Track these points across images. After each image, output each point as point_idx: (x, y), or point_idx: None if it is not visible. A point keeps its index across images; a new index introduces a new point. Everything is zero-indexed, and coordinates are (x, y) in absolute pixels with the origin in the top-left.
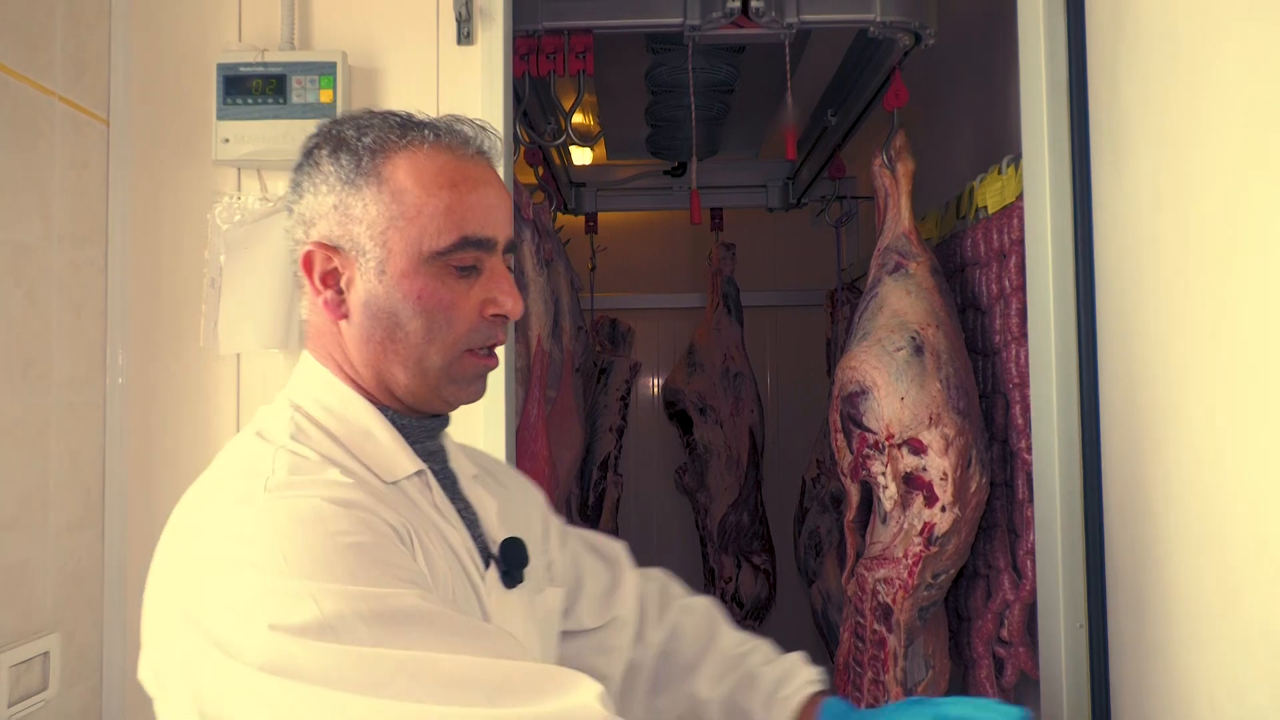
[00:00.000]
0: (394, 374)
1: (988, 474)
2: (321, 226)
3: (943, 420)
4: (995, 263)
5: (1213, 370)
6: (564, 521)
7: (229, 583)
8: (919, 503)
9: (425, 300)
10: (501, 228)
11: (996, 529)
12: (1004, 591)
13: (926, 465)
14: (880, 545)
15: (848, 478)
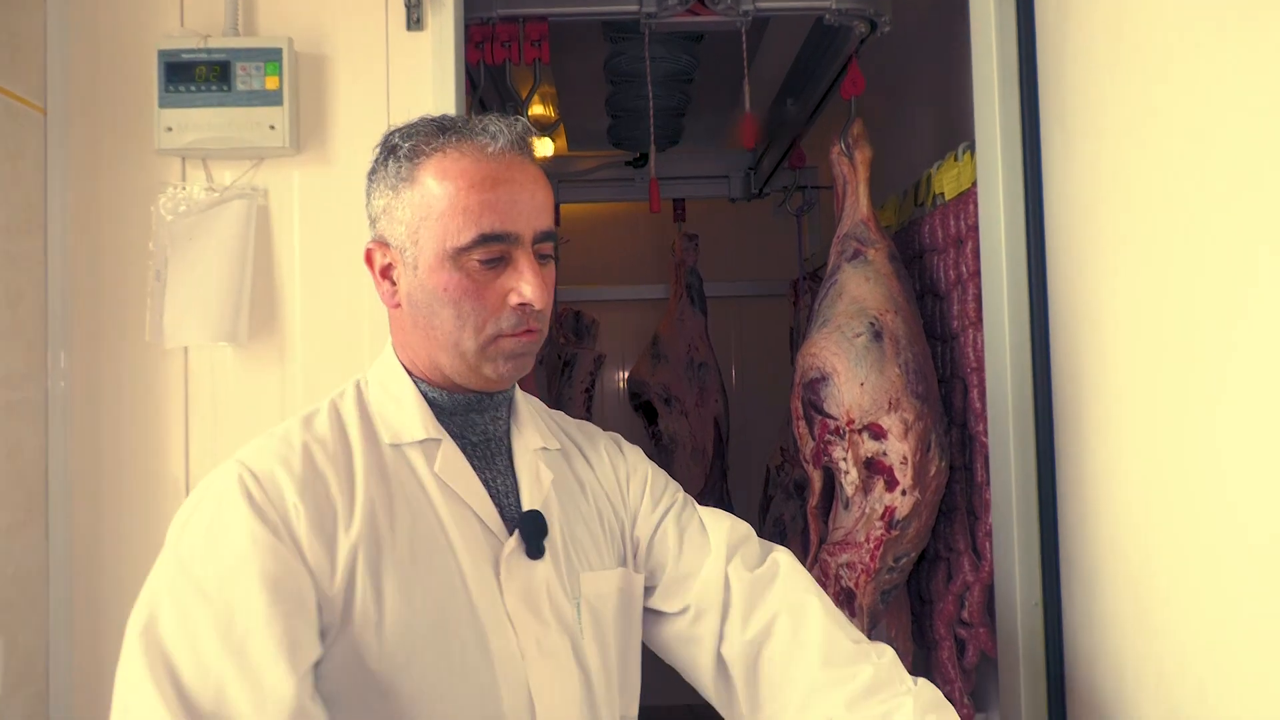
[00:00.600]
0: (437, 356)
1: (947, 458)
2: (380, 225)
3: (902, 405)
4: (952, 249)
5: (1157, 351)
6: (687, 500)
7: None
8: (880, 487)
9: (452, 292)
10: (526, 221)
11: (956, 512)
12: (964, 573)
13: (887, 450)
14: (842, 530)
15: (810, 464)
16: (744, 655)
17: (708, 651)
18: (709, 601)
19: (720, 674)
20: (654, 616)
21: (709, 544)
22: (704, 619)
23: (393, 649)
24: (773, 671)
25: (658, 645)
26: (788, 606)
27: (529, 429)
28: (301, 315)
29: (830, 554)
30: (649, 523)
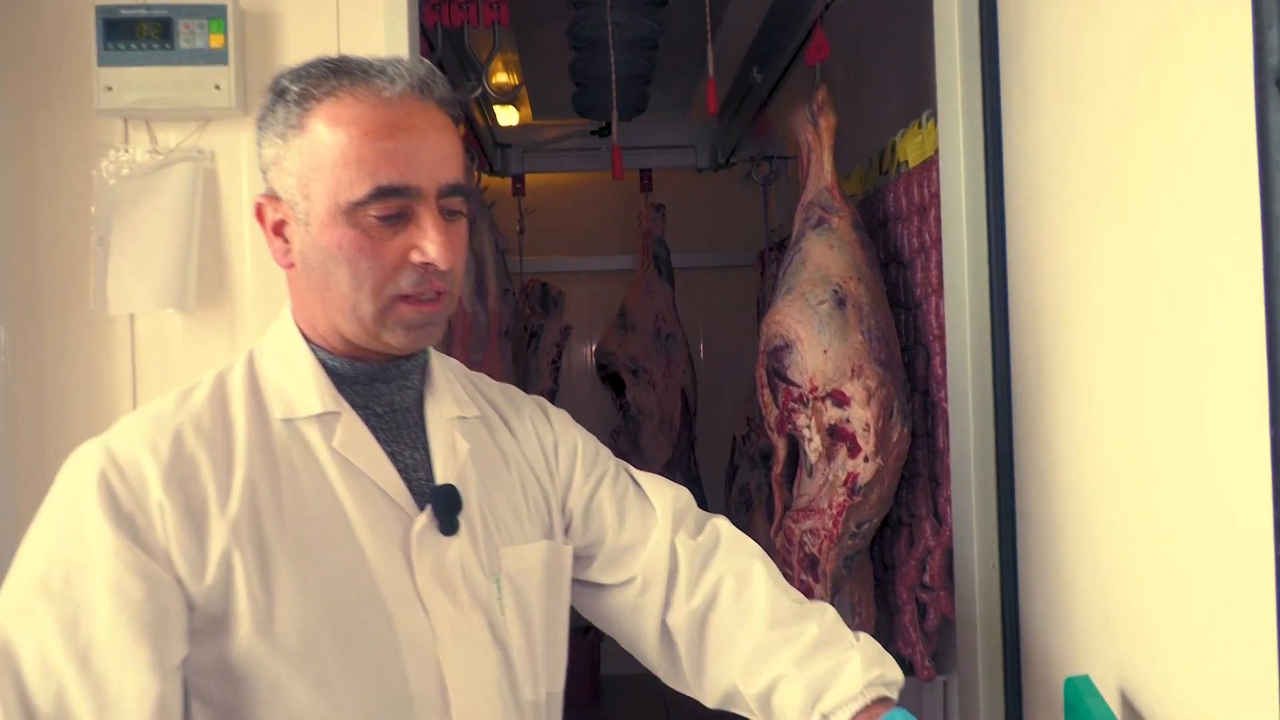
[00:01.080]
0: (336, 320)
1: (909, 424)
2: (270, 178)
3: (865, 372)
4: (916, 216)
5: (1116, 317)
6: (620, 467)
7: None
8: (843, 454)
9: (346, 250)
10: (428, 173)
11: (918, 478)
12: (926, 538)
13: (850, 417)
14: (806, 498)
15: (774, 432)
16: (690, 622)
17: (653, 621)
18: (656, 572)
19: (665, 642)
20: (593, 588)
21: (654, 513)
22: (651, 589)
23: (288, 638)
24: (719, 636)
25: (597, 616)
26: (732, 571)
27: (444, 396)
28: (252, 281)
29: (794, 520)
30: (582, 493)
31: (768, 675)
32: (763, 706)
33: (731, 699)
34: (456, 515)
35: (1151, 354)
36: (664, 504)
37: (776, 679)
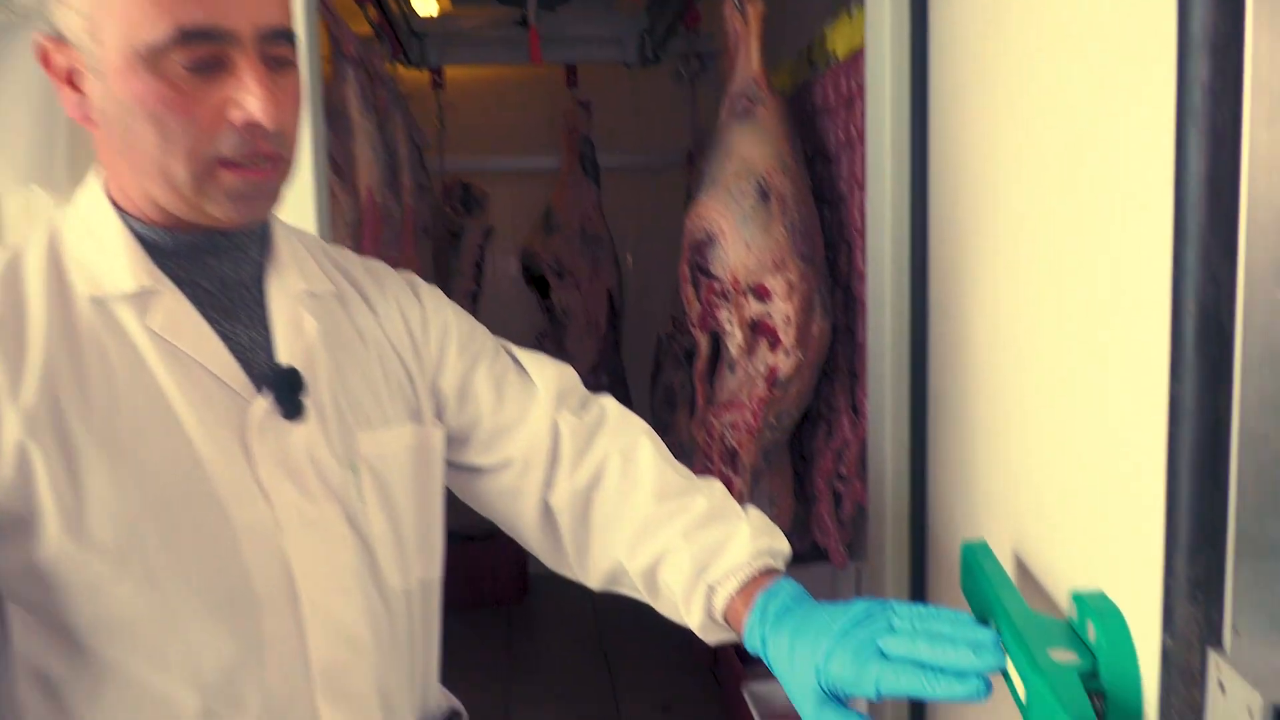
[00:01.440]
0: (146, 185)
1: (830, 319)
2: (53, 13)
3: (787, 266)
4: (842, 110)
5: (1029, 213)
6: (500, 346)
7: None
8: (764, 348)
9: (150, 104)
10: (244, 14)
11: (838, 372)
12: (843, 431)
13: (771, 311)
14: (728, 392)
15: (697, 328)
16: (572, 501)
17: (533, 502)
18: (537, 452)
19: (546, 523)
20: (470, 472)
21: (535, 392)
22: (532, 470)
23: (103, 537)
24: (603, 513)
25: (476, 499)
26: (618, 449)
27: (289, 270)
28: None
29: (715, 415)
30: (455, 372)
31: (654, 549)
32: (648, 583)
33: (616, 578)
34: (300, 397)
35: (1064, 251)
36: (546, 382)
37: (663, 552)
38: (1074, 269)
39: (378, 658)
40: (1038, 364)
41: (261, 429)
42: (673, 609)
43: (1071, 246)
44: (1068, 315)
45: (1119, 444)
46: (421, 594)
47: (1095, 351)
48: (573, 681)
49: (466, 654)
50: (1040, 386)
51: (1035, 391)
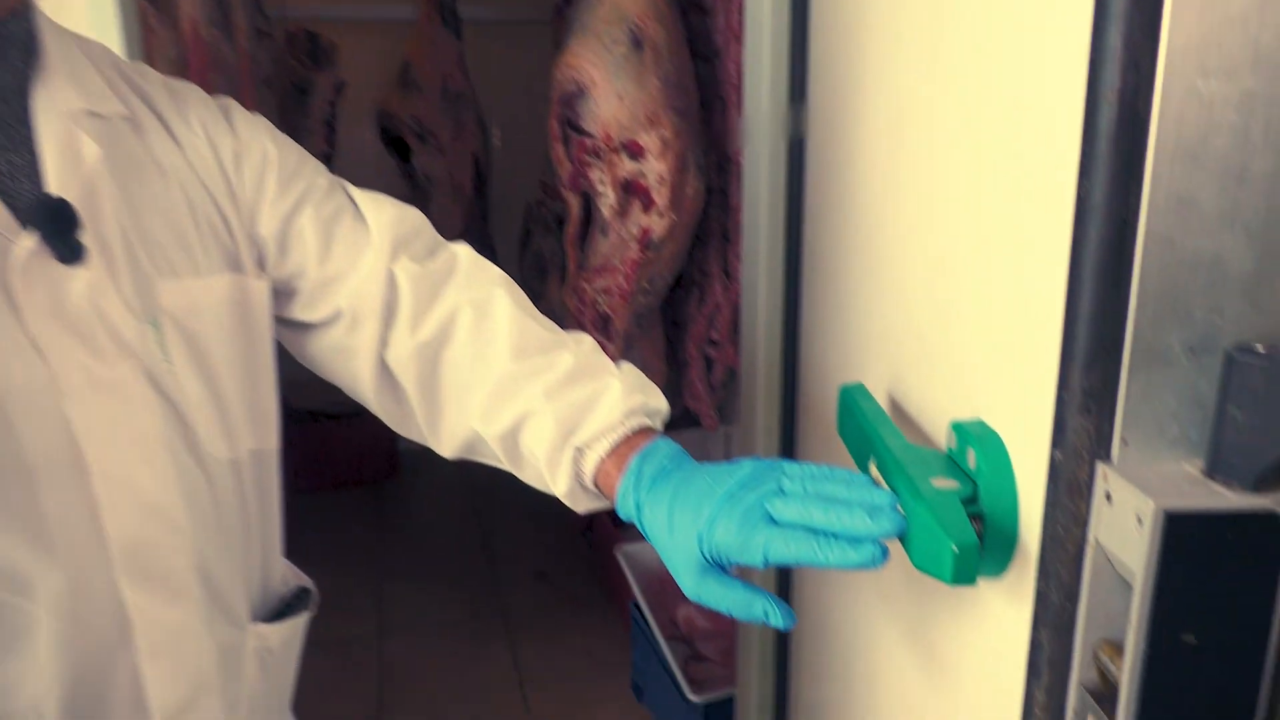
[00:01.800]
0: None
1: (704, 180)
2: None
3: (661, 121)
4: None
5: (908, 61)
6: (334, 185)
7: None
8: (637, 210)
9: None
10: None
11: (711, 236)
12: (715, 295)
13: (645, 170)
14: (600, 257)
15: (568, 190)
16: (418, 361)
17: (368, 362)
18: (367, 304)
19: (386, 385)
20: (298, 328)
21: (368, 236)
22: (363, 325)
23: None
24: (455, 374)
25: (308, 360)
26: (469, 301)
27: (62, 83)
28: None
29: (587, 280)
30: (277, 213)
31: (513, 412)
32: (509, 449)
33: (473, 446)
34: (77, 237)
35: (943, 100)
36: (382, 225)
37: (524, 414)
38: (972, 73)
39: (197, 534)
40: (921, 195)
41: (27, 273)
42: (537, 476)
43: (972, 48)
44: (949, 160)
45: (1010, 263)
46: (254, 466)
47: (988, 170)
48: (447, 555)
49: (334, 533)
50: (924, 218)
51: (918, 227)
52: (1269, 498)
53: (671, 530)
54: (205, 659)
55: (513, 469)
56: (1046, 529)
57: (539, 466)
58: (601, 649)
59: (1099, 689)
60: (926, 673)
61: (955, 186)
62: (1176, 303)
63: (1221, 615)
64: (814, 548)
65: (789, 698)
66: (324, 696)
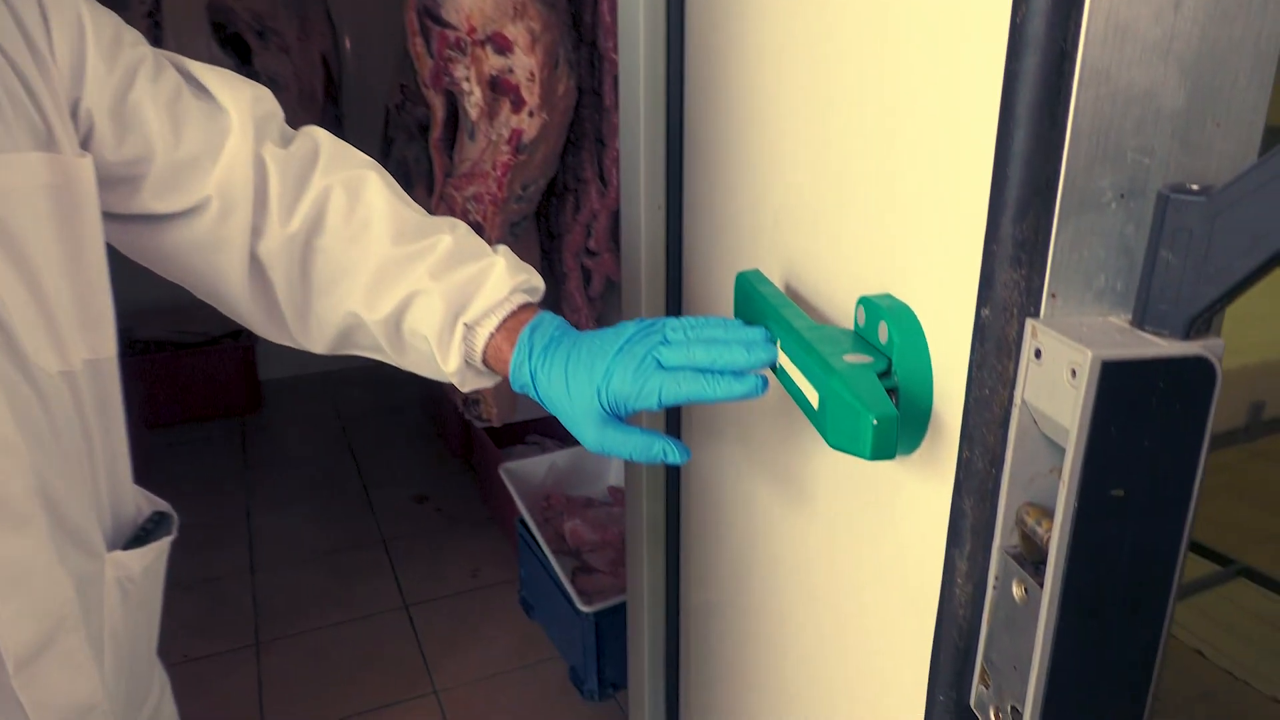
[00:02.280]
0: None
1: (575, 77)
2: None
3: (528, 12)
4: None
5: None
6: (166, 58)
7: None
8: (506, 110)
9: None
10: None
11: (585, 139)
12: (591, 202)
13: (513, 65)
14: (468, 162)
15: (430, 89)
16: (289, 251)
17: (239, 256)
18: (238, 192)
19: (257, 281)
20: (149, 222)
21: (227, 117)
22: (235, 214)
23: None
24: (330, 263)
25: (160, 259)
26: (340, 184)
27: None
28: None
29: (456, 188)
30: (103, 89)
31: (397, 295)
32: (391, 334)
33: (349, 336)
34: None
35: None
36: (240, 104)
37: (409, 296)
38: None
39: (34, 457)
40: (820, 58)
41: None
42: (422, 360)
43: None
44: (838, 47)
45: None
46: (91, 378)
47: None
48: (319, 485)
49: (197, 469)
50: (824, 86)
51: (817, 96)
52: (1199, 344)
53: (569, 390)
54: (60, 593)
55: (393, 356)
56: (972, 392)
57: (426, 349)
58: (488, 569)
59: (1021, 553)
60: (833, 558)
61: (861, 35)
62: (1109, 142)
63: (1151, 467)
64: (702, 384)
65: (680, 600)
66: (197, 636)
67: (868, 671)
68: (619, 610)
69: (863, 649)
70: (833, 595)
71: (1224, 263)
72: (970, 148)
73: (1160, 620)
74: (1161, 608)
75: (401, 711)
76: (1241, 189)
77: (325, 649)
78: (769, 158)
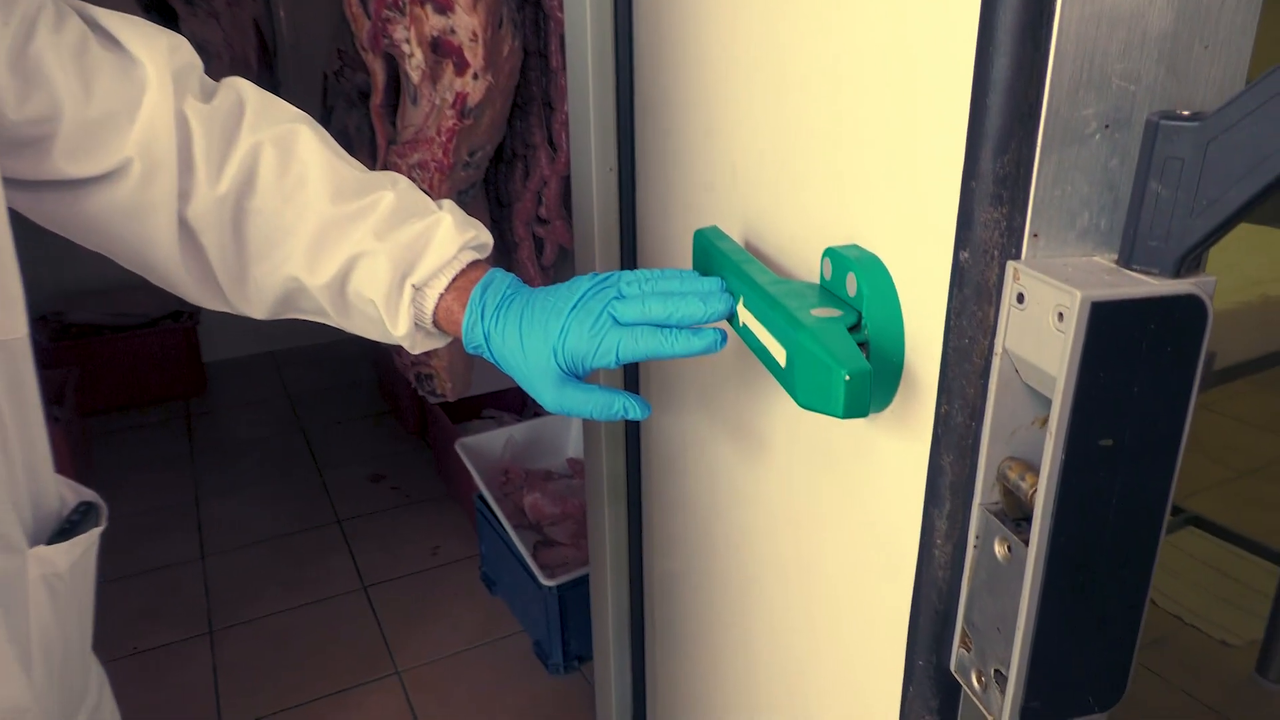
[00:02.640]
0: None
1: (520, 37)
2: None
3: None
4: None
5: None
6: (61, 8)
7: None
8: (449, 72)
9: None
10: None
11: (532, 103)
12: (541, 168)
13: (454, 25)
14: (412, 129)
15: (368, 52)
16: (219, 215)
17: (166, 220)
18: (161, 151)
19: (188, 247)
20: (61, 188)
21: (142, 70)
22: (158, 177)
23: None
24: (264, 224)
25: (76, 228)
26: (270, 140)
27: None
28: None
29: (400, 155)
30: (1, 41)
31: (340, 257)
32: (335, 297)
33: (290, 300)
34: None
35: None
36: (156, 55)
37: (353, 258)
38: None
39: None
40: (765, 42)
41: None
42: (369, 323)
43: None
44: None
45: (894, 55)
46: (2, 360)
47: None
48: (271, 465)
49: (141, 456)
50: (781, 31)
51: (776, 44)
52: (1190, 282)
53: (524, 350)
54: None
55: (338, 319)
56: (950, 342)
57: (372, 311)
58: (448, 546)
59: (1003, 510)
60: (801, 522)
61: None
62: (1093, 67)
63: (1140, 414)
64: (660, 340)
65: (644, 570)
66: (148, 627)
67: (841, 638)
68: (582, 583)
69: (835, 615)
70: (802, 560)
71: (1218, 192)
72: (941, 78)
73: (1148, 572)
74: (1149, 560)
75: (363, 694)
76: (1238, 111)
77: (282, 634)
78: (724, 108)
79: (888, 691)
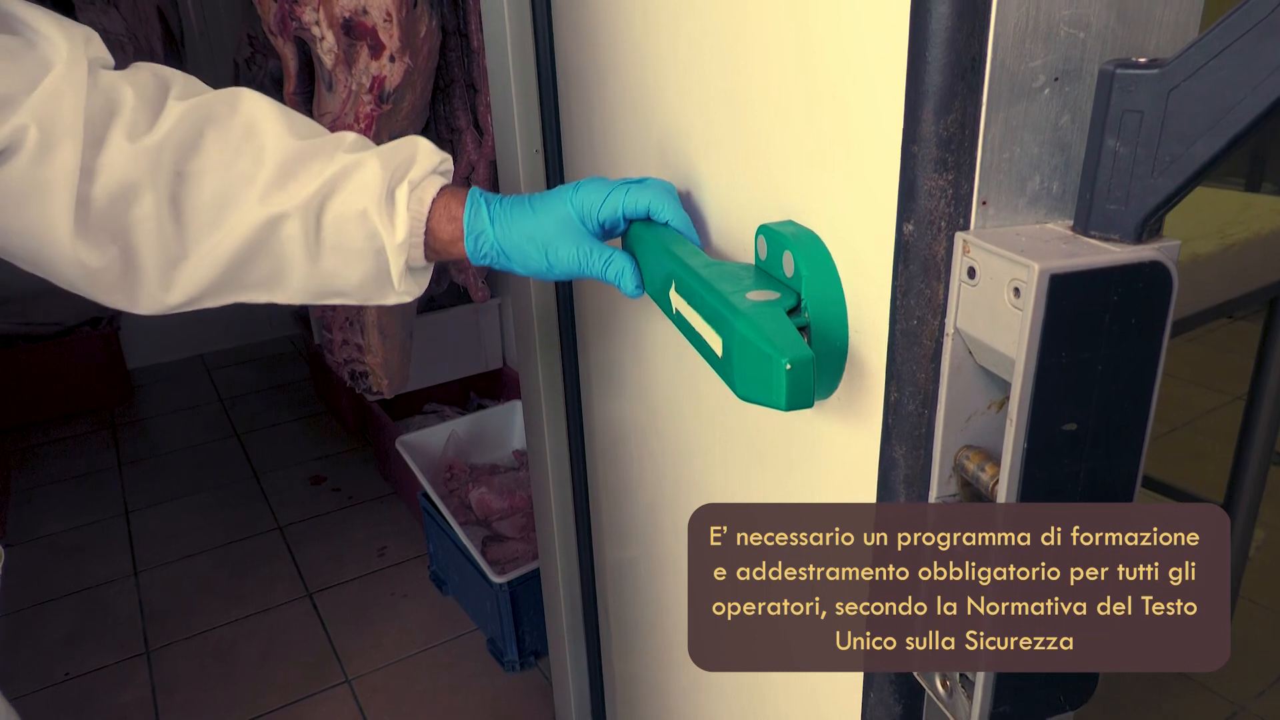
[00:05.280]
0: None
1: (438, 17)
2: None
3: None
4: None
5: None
6: None
7: None
8: (364, 55)
9: None
10: None
11: (454, 85)
12: (468, 153)
13: (367, 6)
14: (329, 116)
15: (278, 37)
16: (151, 184)
17: (64, 201)
18: (66, 121)
19: (91, 233)
20: None
21: (50, 45)
22: (59, 150)
23: None
24: (214, 183)
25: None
26: (207, 102)
27: None
28: None
29: None
30: None
31: (316, 179)
32: (308, 227)
33: (235, 274)
34: None
35: None
36: (73, 38)
37: (336, 174)
38: None
39: None
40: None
41: None
42: (348, 257)
43: None
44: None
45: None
46: None
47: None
48: (204, 472)
49: (66, 468)
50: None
51: (690, 5)
52: (1152, 247)
53: (535, 213)
54: None
55: (305, 258)
56: (897, 325)
57: (355, 234)
58: (394, 547)
59: (961, 503)
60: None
61: None
62: (1039, 14)
63: (1104, 393)
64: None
65: (595, 560)
66: (79, 651)
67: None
68: (533, 578)
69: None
70: None
71: (1181, 148)
72: (875, 33)
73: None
74: None
75: (313, 705)
76: (1200, 55)
77: (224, 649)
78: (648, 81)
79: (847, 692)
